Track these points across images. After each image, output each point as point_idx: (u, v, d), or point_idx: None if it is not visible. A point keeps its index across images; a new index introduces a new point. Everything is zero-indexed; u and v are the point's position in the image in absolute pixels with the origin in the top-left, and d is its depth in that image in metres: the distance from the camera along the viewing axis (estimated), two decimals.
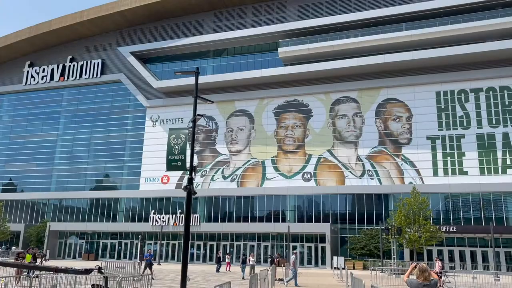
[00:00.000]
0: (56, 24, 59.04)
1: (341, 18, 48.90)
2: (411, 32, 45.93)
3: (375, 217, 45.05)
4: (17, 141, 61.50)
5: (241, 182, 50.40)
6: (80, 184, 56.89)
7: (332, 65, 48.10)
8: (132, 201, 54.36)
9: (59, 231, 54.40)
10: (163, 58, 57.35)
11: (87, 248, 53.70)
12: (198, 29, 56.00)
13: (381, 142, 46.93)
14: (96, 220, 54.68)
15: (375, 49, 47.33)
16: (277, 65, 51.23)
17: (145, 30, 58.65)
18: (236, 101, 52.82)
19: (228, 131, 52.53)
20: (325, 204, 47.47)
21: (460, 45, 44.61)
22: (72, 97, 60.45)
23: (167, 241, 50.55)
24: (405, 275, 7.89)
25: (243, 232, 48.03)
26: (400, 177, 45.39)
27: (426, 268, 7.36)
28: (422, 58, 45.30)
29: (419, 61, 45.77)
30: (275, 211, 48.71)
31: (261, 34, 51.80)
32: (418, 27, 46.06)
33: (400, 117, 47.04)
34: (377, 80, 47.98)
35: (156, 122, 55.15)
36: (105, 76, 58.75)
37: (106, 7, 56.81)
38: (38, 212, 58.47)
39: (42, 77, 61.73)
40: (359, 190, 46.06)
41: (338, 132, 48.67)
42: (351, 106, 48.95)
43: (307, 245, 46.13)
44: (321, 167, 48.13)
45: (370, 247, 42.47)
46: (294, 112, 50.66)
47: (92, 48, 60.92)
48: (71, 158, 58.36)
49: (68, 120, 59.94)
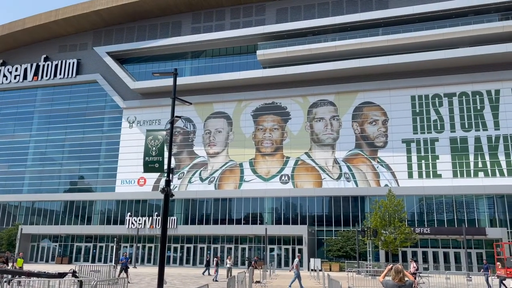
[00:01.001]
0: (30, 23, 57.61)
1: (319, 22, 49.43)
2: (387, 37, 46.81)
3: (351, 219, 45.61)
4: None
5: (219, 184, 50.22)
6: (53, 186, 55.52)
7: (309, 69, 48.54)
8: (108, 204, 53.42)
9: (31, 234, 52.96)
10: (140, 58, 56.68)
11: (61, 251, 52.45)
12: (176, 30, 55.61)
13: (358, 145, 47.58)
14: (70, 223, 53.47)
15: (352, 53, 48.03)
16: (255, 68, 51.37)
17: (122, 30, 57.86)
18: (214, 103, 52.66)
19: (206, 133, 52.31)
20: (303, 206, 47.77)
21: (434, 50, 45.73)
22: (46, 97, 59.04)
23: (143, 244, 49.86)
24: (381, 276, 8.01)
25: (220, 234, 47.82)
26: (376, 179, 46.11)
27: (401, 269, 7.49)
28: (397, 62, 46.23)
29: (394, 66, 46.69)
30: (252, 214, 48.72)
31: (239, 36, 51.83)
32: (394, 32, 46.99)
33: (376, 121, 47.82)
34: (354, 84, 48.67)
35: (132, 124, 54.42)
36: (81, 76, 57.64)
37: (82, 6, 55.79)
38: (10, 214, 56.76)
39: (15, 77, 60.08)
40: (336, 192, 46.56)
41: (315, 135, 49.10)
42: (328, 109, 49.49)
43: (285, 247, 46.29)
44: (299, 170, 48.43)
45: (346, 249, 42.96)
46: (272, 114, 50.86)
47: (67, 47, 59.69)
48: (44, 159, 56.95)
49: (42, 121, 58.49)
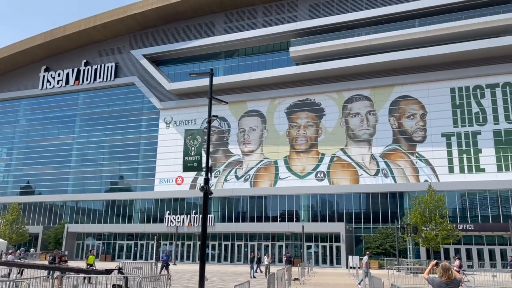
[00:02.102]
0: (70, 29, 59.90)
1: (353, 16, 48.66)
2: (424, 28, 45.47)
3: (390, 215, 44.75)
4: (34, 145, 62.55)
5: (254, 182, 50.49)
6: (95, 186, 57.61)
7: (344, 63, 47.90)
8: (147, 202, 54.89)
9: (76, 233, 55.18)
10: (175, 60, 57.77)
11: (104, 249, 54.34)
12: (210, 31, 56.26)
13: (395, 140, 46.57)
14: (112, 222, 55.33)
15: (388, 46, 46.98)
16: (288, 65, 51.20)
17: (157, 33, 59.15)
18: (248, 102, 52.94)
19: (240, 132, 52.69)
20: (339, 204, 47.28)
21: (475, 40, 44.02)
22: (87, 100, 61.28)
23: (182, 242, 50.89)
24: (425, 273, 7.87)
25: (257, 232, 48.11)
26: (415, 175, 44.98)
27: (449, 267, 7.34)
28: (436, 54, 44.83)
29: (432, 58, 45.30)
30: (288, 211, 48.69)
31: (272, 34, 51.82)
32: (431, 23, 45.57)
33: (414, 115, 46.61)
34: (390, 78, 47.62)
35: (169, 124, 55.58)
36: (119, 79, 59.42)
37: (118, 11, 57.45)
38: (56, 214, 59.40)
39: (58, 82, 62.68)
40: (374, 189, 45.78)
41: (351, 131, 48.44)
42: (364, 104, 48.69)
43: (322, 245, 46.01)
44: (335, 166, 47.95)
45: (385, 246, 42.19)
46: (306, 111, 50.57)
47: (105, 51, 61.65)
48: (86, 160, 59.17)
49: (83, 123, 60.76)
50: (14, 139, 64.59)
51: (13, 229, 51.12)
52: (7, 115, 65.92)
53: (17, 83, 65.67)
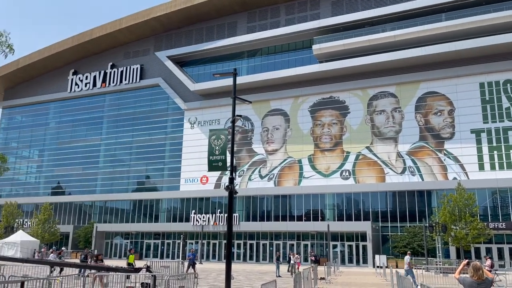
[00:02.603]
0: (96, 33, 61.30)
1: (376, 12, 47.95)
2: (451, 22, 44.35)
3: (417, 214, 43.92)
4: (64, 146, 64.33)
5: (278, 181, 50.45)
6: (123, 186, 58.80)
7: (368, 60, 47.25)
8: (173, 202, 55.66)
9: (105, 232, 56.46)
10: (198, 60, 58.32)
11: (132, 248, 55.31)
12: (232, 31, 56.51)
13: (422, 137, 45.65)
14: (139, 221, 56.37)
15: (413, 41, 46.08)
16: (311, 63, 50.90)
17: (180, 34, 59.84)
18: (271, 101, 52.93)
19: (264, 131, 52.73)
20: (365, 202, 46.72)
21: (504, 33, 42.65)
22: (113, 102, 62.59)
23: (207, 241, 51.36)
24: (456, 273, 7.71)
25: (282, 231, 48.08)
26: (443, 172, 44.00)
27: (480, 266, 7.19)
28: (463, 48, 43.67)
29: (460, 52, 44.17)
30: (313, 210, 48.44)
31: (294, 32, 51.63)
32: (458, 17, 44.42)
33: (442, 111, 45.58)
34: (416, 74, 46.71)
35: (193, 124, 56.16)
36: (144, 80, 60.43)
37: (142, 14, 58.42)
38: (85, 214, 60.96)
39: (86, 84, 64.27)
40: (400, 187, 45.01)
41: (376, 128, 47.78)
42: (389, 101, 47.93)
43: (348, 244, 45.58)
44: (360, 165, 47.40)
45: (413, 245, 41.42)
46: (330, 109, 50.17)
47: (131, 54, 62.81)
48: (114, 161, 60.45)
49: (111, 125, 62.10)
50: (45, 141, 66.63)
51: (45, 228, 52.80)
52: (38, 118, 68.04)
53: (47, 86, 67.69)
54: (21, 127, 69.36)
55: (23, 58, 66.09)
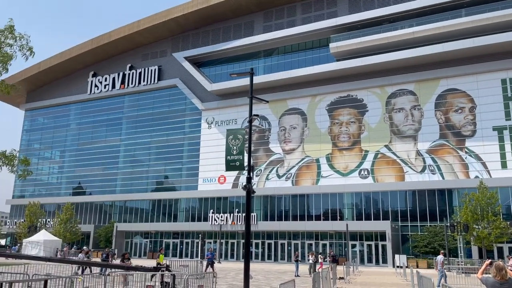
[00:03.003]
0: (115, 35, 62.17)
1: (394, 9, 47.33)
2: (471, 18, 43.47)
3: (438, 213, 43.22)
4: (84, 147, 65.49)
5: (296, 180, 50.30)
6: (142, 186, 59.53)
7: (386, 58, 46.69)
8: (191, 201, 56.08)
9: (125, 231, 57.25)
10: (215, 61, 58.58)
11: (151, 247, 56.04)
12: (249, 30, 56.58)
13: (443, 135, 44.89)
14: (158, 220, 56.97)
15: (432, 38, 45.30)
16: (328, 61, 50.58)
17: (197, 35, 60.22)
18: (288, 100, 52.80)
19: (281, 130, 52.63)
20: (384, 201, 46.20)
21: None
22: (132, 103, 63.41)
23: (226, 240, 51.57)
24: (478, 273, 7.57)
25: (300, 230, 47.93)
26: (464, 171, 43.17)
27: (503, 266, 7.04)
28: (484, 44, 42.73)
29: (481, 48, 43.23)
30: (332, 209, 48.15)
31: (311, 30, 51.37)
32: (478, 12, 43.51)
33: (463, 108, 44.72)
34: (436, 71, 45.95)
35: (211, 124, 56.46)
36: (162, 81, 61.03)
37: (160, 15, 58.99)
38: (106, 213, 61.94)
39: (105, 86, 65.26)
40: (420, 186, 44.36)
41: (395, 127, 47.18)
42: (408, 98, 47.27)
43: (367, 244, 45.15)
44: (379, 163, 46.89)
45: (434, 245, 40.75)
46: (348, 107, 49.76)
47: (149, 55, 63.51)
48: (133, 161, 61.25)
49: (130, 126, 62.93)
50: (66, 142, 67.93)
51: (67, 227, 53.89)
52: (59, 119, 69.42)
53: (68, 88, 68.99)
54: (43, 128, 70.88)
55: (44, 61, 67.52)
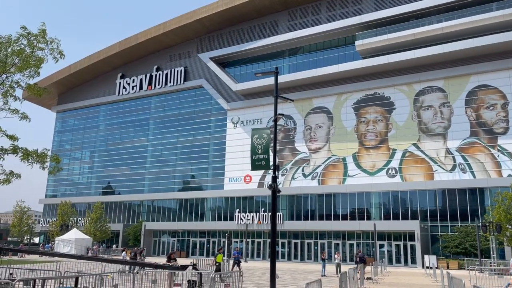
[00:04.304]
0: (142, 37, 63.29)
1: (422, 4, 46.30)
2: (502, 12, 42.07)
3: (469, 213, 42.06)
4: (113, 148, 66.96)
5: (322, 180, 49.94)
6: (169, 186, 60.40)
7: (414, 54, 45.75)
8: (218, 201, 56.50)
9: (153, 230, 58.22)
10: (240, 61, 58.82)
11: (179, 246, 56.78)
12: (273, 30, 56.52)
13: (473, 133, 43.64)
14: (185, 219, 57.67)
15: (462, 33, 44.12)
16: (354, 59, 49.96)
17: (222, 35, 60.60)
18: (314, 99, 52.46)
19: (307, 129, 52.36)
20: (413, 201, 45.30)
21: None
22: (159, 104, 64.41)
23: (252, 239, 51.71)
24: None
25: (326, 230, 47.56)
26: (496, 169, 41.84)
27: None
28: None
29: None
30: (359, 209, 47.57)
31: (336, 28, 50.87)
32: (510, 6, 42.04)
33: (494, 105, 43.35)
34: (466, 67, 44.70)
35: (236, 124, 56.72)
36: (188, 82, 61.73)
37: (185, 17, 59.67)
38: (134, 212, 63.17)
39: (133, 87, 66.54)
40: (450, 185, 43.26)
41: (424, 125, 46.18)
42: (437, 96, 46.19)
43: (395, 244, 44.38)
44: (407, 162, 46.01)
45: (465, 245, 39.71)
46: (375, 106, 49.03)
47: (175, 56, 64.36)
48: (160, 161, 62.22)
49: (157, 126, 63.95)
50: (95, 143, 69.64)
51: (97, 226, 55.29)
52: (89, 120, 71.23)
53: (97, 90, 70.69)
54: (74, 129, 72.87)
55: (74, 64, 69.41)
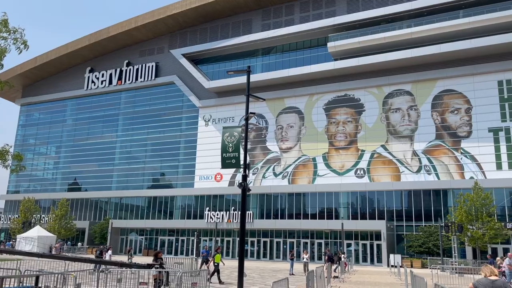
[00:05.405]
0: (113, 31, 61.91)
1: (393, 9, 47.37)
2: (468, 19, 43.57)
3: (433, 213, 43.38)
4: (80, 143, 65.26)
5: (292, 179, 50.35)
6: (138, 183, 59.42)
7: (384, 58, 46.76)
8: (187, 199, 56.01)
9: (120, 228, 57.11)
10: (213, 58, 58.47)
11: (147, 244, 55.95)
12: (247, 28, 56.50)
13: (439, 136, 45.03)
14: (154, 218, 56.88)
15: (430, 39, 45.40)
16: (326, 60, 50.59)
17: (195, 32, 60.07)
18: (286, 98, 52.79)
19: (278, 129, 52.64)
20: (380, 201, 46.32)
21: None
22: (129, 99, 63.22)
23: (221, 238, 51.56)
24: None
25: (295, 229, 47.98)
26: (459, 172, 43.33)
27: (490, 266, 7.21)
28: (481, 46, 42.88)
29: (478, 49, 43.38)
30: (327, 208, 48.23)
31: (309, 29, 51.35)
32: (476, 14, 43.61)
33: (459, 109, 44.86)
34: (433, 71, 46.06)
35: (208, 122, 56.38)
36: (159, 78, 60.86)
37: (158, 12, 58.79)
38: (101, 210, 61.78)
39: (102, 82, 65.02)
40: (416, 186, 44.50)
41: (392, 127, 47.27)
42: (405, 99, 47.37)
43: (362, 243, 45.26)
44: (375, 163, 46.99)
45: (429, 245, 40.95)
46: (345, 107, 49.81)
47: (146, 52, 63.31)
48: (129, 158, 61.09)
49: (126, 122, 62.74)
50: (62, 138, 67.67)
51: (62, 224, 53.71)
52: (55, 114, 69.13)
53: (64, 84, 68.69)
54: (39, 124, 70.56)
55: (40, 56, 67.21)
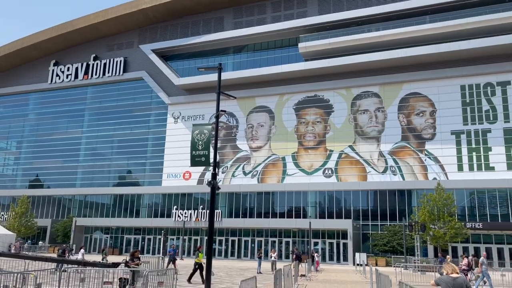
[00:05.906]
0: (79, 23, 60.11)
1: (363, 12, 48.25)
2: (434, 25, 44.97)
3: (398, 213, 44.51)
4: (44, 139, 63.03)
5: (262, 178, 50.47)
6: (104, 180, 57.96)
7: (353, 60, 47.56)
8: (155, 197, 55.12)
9: (84, 226, 55.55)
10: (183, 55, 57.78)
11: (112, 243, 54.70)
12: (219, 26, 56.15)
13: (404, 138, 46.23)
14: (120, 216, 55.66)
15: (398, 42, 46.56)
16: (297, 61, 50.97)
17: (166, 28, 59.17)
18: (257, 97, 52.84)
19: (249, 127, 52.63)
20: (347, 201, 47.13)
21: (486, 37, 43.43)
22: (95, 95, 61.56)
23: (189, 237, 51.07)
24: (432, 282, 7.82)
25: (264, 228, 48.12)
26: (423, 172, 44.66)
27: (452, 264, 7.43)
28: (446, 51, 44.35)
29: (443, 54, 44.83)
30: (296, 207, 48.63)
31: (281, 29, 51.58)
32: (442, 20, 45.05)
33: (424, 112, 46.22)
34: (400, 74, 47.24)
35: (177, 119, 55.68)
36: (128, 74, 59.57)
37: (128, 6, 57.51)
38: (64, 207, 59.90)
39: (67, 76, 63.01)
40: (382, 186, 45.55)
41: (359, 128, 48.17)
42: (373, 101, 48.37)
43: (329, 242, 45.92)
44: (343, 163, 47.75)
45: (393, 244, 42.00)
46: (315, 107, 50.37)
47: (114, 46, 61.83)
48: (95, 154, 59.51)
49: (92, 118, 61.09)
50: (23, 133, 65.16)
51: (22, 222, 51.63)
52: (16, 108, 66.47)
53: (27, 77, 66.13)
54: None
55: (2, 47, 64.43)
